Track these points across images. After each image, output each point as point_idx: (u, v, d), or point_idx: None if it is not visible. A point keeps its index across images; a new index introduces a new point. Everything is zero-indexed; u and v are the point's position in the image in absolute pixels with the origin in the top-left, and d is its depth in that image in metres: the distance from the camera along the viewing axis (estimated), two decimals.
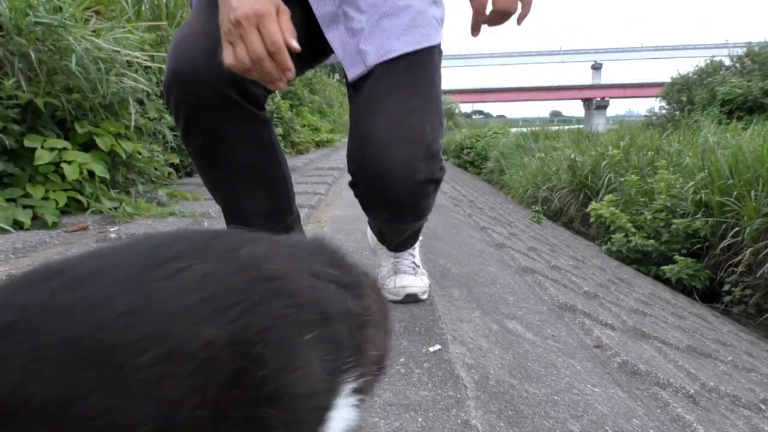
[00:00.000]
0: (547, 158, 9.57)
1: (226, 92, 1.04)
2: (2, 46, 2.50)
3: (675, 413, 1.41)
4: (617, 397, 1.36)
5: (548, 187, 8.63)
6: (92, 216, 2.64)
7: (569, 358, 1.56)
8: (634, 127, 12.35)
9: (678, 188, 5.75)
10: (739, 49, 18.10)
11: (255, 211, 1.22)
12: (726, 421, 1.59)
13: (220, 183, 1.23)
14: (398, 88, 1.16)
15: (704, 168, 5.67)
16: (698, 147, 6.75)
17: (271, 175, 1.23)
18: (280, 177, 1.27)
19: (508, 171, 11.25)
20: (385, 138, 1.11)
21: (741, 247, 4.71)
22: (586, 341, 1.84)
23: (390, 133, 1.11)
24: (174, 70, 1.04)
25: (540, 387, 1.24)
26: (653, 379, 1.64)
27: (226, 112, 1.07)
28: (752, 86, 14.41)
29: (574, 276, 3.28)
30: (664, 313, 3.24)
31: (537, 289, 2.45)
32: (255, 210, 1.22)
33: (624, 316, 2.48)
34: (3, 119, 2.37)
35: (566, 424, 1.08)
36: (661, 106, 20.42)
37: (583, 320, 2.07)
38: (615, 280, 4.07)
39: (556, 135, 12.35)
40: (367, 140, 1.13)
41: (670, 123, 14.07)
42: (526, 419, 1.06)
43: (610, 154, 7.63)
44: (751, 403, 1.90)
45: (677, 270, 4.94)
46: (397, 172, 1.11)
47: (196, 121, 1.09)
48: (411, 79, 1.17)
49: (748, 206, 4.67)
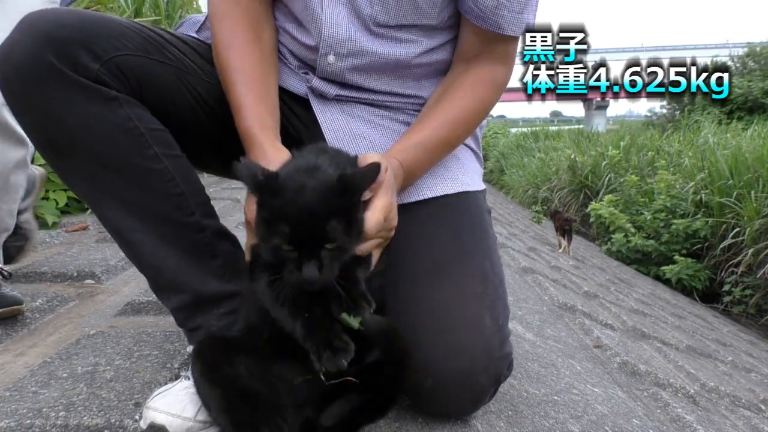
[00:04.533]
0: (547, 158, 9.58)
1: (46, 59, 0.81)
2: None
3: (675, 413, 1.40)
4: (617, 397, 1.36)
5: (548, 187, 8.63)
6: (92, 216, 2.64)
7: (569, 358, 1.56)
8: (634, 128, 12.37)
9: (678, 188, 5.75)
10: (739, 49, 18.11)
11: (125, 222, 0.91)
12: (726, 421, 1.59)
13: (70, 178, 0.93)
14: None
15: (704, 168, 5.67)
16: (698, 147, 6.76)
17: (140, 170, 0.89)
18: (158, 173, 0.90)
19: (507, 171, 11.25)
20: (432, 341, 0.89)
21: (741, 247, 4.72)
22: (586, 341, 1.84)
23: (438, 335, 0.88)
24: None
25: (540, 387, 1.24)
26: (653, 380, 1.64)
27: (51, 87, 0.83)
28: (752, 86, 14.41)
29: (574, 276, 3.28)
30: (664, 314, 3.24)
31: (537, 289, 2.45)
32: (124, 219, 0.91)
33: (624, 316, 2.48)
34: None
35: (566, 424, 1.08)
36: (662, 106, 20.44)
37: (583, 320, 2.07)
38: (615, 280, 4.07)
39: (556, 135, 12.36)
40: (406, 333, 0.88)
41: (670, 123, 14.06)
42: (525, 419, 1.06)
43: (610, 154, 7.64)
44: (751, 404, 1.89)
45: (677, 270, 4.94)
46: (448, 389, 0.90)
47: (21, 101, 0.86)
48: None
49: (748, 207, 4.67)
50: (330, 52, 0.99)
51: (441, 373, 0.87)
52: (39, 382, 1.02)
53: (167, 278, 0.92)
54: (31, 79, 0.82)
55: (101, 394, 0.97)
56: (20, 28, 0.84)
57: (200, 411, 0.84)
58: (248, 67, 0.94)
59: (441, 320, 0.83)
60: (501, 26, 0.97)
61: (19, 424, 0.87)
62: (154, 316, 1.44)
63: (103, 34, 0.85)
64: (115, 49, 0.86)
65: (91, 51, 0.83)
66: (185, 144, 0.94)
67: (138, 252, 0.93)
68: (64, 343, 1.23)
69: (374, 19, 0.98)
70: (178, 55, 0.96)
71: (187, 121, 0.97)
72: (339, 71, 1.01)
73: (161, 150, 0.90)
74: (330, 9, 0.96)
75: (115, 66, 0.86)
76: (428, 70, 1.06)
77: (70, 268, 1.77)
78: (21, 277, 1.70)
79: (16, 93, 0.85)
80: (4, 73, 0.84)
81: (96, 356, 1.14)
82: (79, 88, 0.84)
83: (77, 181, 0.92)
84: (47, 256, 1.96)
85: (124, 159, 0.88)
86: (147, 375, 1.05)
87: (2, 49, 0.84)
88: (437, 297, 0.91)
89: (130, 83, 0.87)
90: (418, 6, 0.97)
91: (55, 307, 1.49)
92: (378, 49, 0.99)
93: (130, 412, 0.91)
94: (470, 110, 1.01)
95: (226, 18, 0.97)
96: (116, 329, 1.32)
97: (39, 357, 1.17)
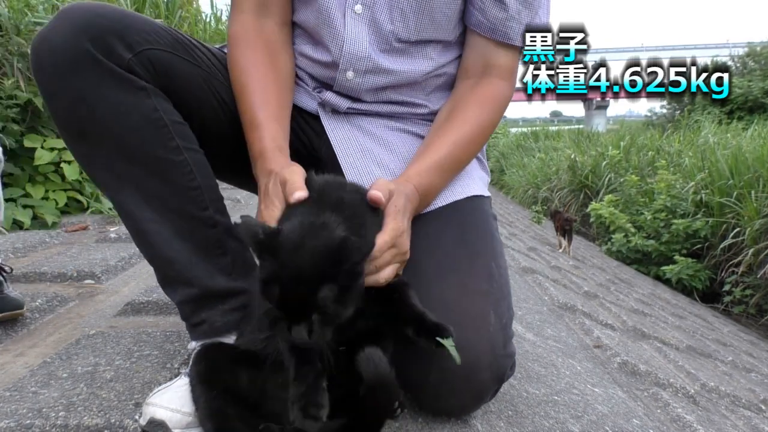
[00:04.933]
0: (547, 158, 9.58)
1: (82, 45, 0.84)
2: (1, 46, 2.50)
3: (675, 413, 1.40)
4: (617, 397, 1.36)
5: (548, 187, 8.63)
6: (92, 216, 2.64)
7: (569, 358, 1.56)
8: (634, 127, 12.38)
9: (678, 188, 5.75)
10: (740, 48, 18.11)
11: (142, 212, 0.92)
12: (726, 421, 1.59)
13: (91, 164, 0.93)
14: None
15: (704, 168, 5.67)
16: (698, 147, 6.76)
17: (161, 161, 0.90)
18: (178, 165, 0.91)
19: (507, 171, 11.25)
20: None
21: (741, 247, 4.72)
22: (586, 341, 1.84)
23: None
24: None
25: (540, 387, 1.24)
26: (653, 380, 1.64)
27: (85, 72, 0.85)
28: (753, 86, 14.40)
29: (574, 276, 3.28)
30: (664, 314, 3.24)
31: (537, 289, 2.45)
32: (141, 208, 0.92)
33: (624, 316, 2.48)
34: (2, 119, 2.37)
35: (566, 424, 1.08)
36: (662, 106, 20.43)
37: (583, 320, 2.07)
38: (615, 280, 4.07)
39: (556, 135, 12.36)
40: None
41: (671, 123, 14.06)
42: (526, 419, 1.06)
43: (610, 154, 7.63)
44: (752, 404, 1.89)
45: (677, 270, 4.94)
46: (452, 384, 0.92)
47: (54, 85, 0.87)
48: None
49: (748, 207, 4.67)
50: (349, 68, 1.02)
51: (445, 367, 0.87)
52: (39, 382, 1.02)
53: (178, 271, 0.94)
54: (67, 63, 0.85)
55: (101, 394, 0.97)
56: (59, 16, 0.87)
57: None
58: (263, 89, 0.96)
59: (446, 317, 0.84)
60: (509, 36, 1.01)
61: (19, 424, 0.87)
62: (154, 316, 1.45)
63: (137, 28, 0.89)
64: (147, 43, 0.89)
65: (124, 41, 0.86)
66: (203, 145, 0.96)
67: (151, 242, 0.93)
68: (64, 343, 1.23)
69: (396, 35, 1.01)
70: (205, 59, 0.99)
71: (208, 122, 0.99)
72: (357, 87, 1.03)
73: (183, 143, 0.92)
74: (351, 26, 0.99)
75: (146, 58, 0.89)
76: (438, 83, 1.10)
77: (70, 268, 1.77)
78: (21, 277, 1.70)
79: (50, 75, 0.87)
80: (39, 55, 0.87)
81: (96, 356, 1.14)
82: (111, 75, 0.86)
83: (98, 167, 0.93)
84: (47, 256, 1.96)
85: (148, 149, 0.90)
86: (147, 375, 1.05)
87: (40, 34, 0.87)
88: (443, 294, 0.92)
89: (159, 77, 0.90)
90: (435, 20, 1.01)
91: (55, 307, 1.49)
92: (395, 66, 1.03)
93: (130, 412, 0.91)
94: (480, 128, 1.03)
95: (244, 45, 1.00)
96: (116, 329, 1.32)
97: (39, 357, 1.17)
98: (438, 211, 1.01)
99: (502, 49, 1.03)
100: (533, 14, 1.02)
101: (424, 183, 0.94)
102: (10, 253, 1.97)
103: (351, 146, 1.05)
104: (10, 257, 1.94)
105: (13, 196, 2.39)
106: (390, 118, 1.09)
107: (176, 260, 0.92)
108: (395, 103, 1.08)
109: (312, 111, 1.08)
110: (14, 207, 2.34)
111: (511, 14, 0.99)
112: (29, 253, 2.03)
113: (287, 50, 1.05)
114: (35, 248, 2.09)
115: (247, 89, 0.95)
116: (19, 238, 2.13)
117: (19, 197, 2.41)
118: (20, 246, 2.04)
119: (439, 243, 0.98)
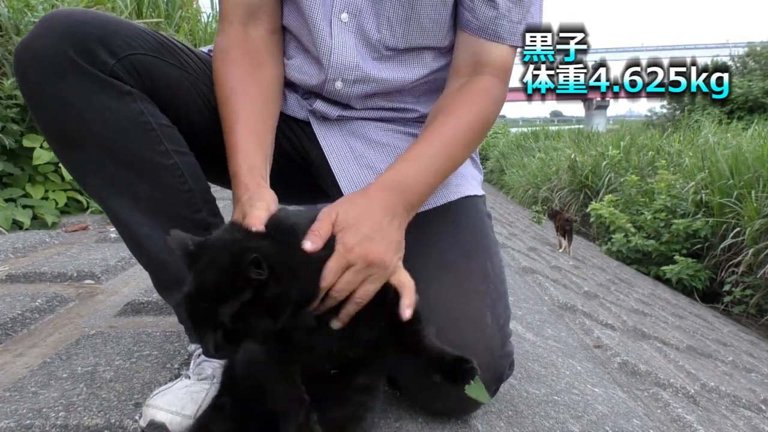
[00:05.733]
0: (547, 158, 9.58)
1: (65, 52, 0.84)
2: (1, 46, 2.50)
3: (675, 413, 1.40)
4: (617, 398, 1.36)
5: (548, 187, 8.63)
6: (92, 216, 2.64)
7: (569, 358, 1.56)
8: (634, 127, 12.36)
9: (678, 188, 5.75)
10: (740, 48, 18.10)
11: (134, 216, 0.91)
12: (726, 421, 1.59)
13: (80, 171, 0.93)
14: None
15: (704, 168, 5.67)
16: (698, 147, 6.76)
17: (151, 165, 0.90)
18: (169, 168, 0.91)
19: (507, 171, 11.25)
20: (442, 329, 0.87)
21: (741, 247, 4.71)
22: (586, 341, 1.84)
23: (439, 332, 0.86)
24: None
25: (540, 387, 1.24)
26: (653, 380, 1.64)
27: (70, 79, 0.84)
28: (753, 86, 14.40)
29: (574, 276, 3.28)
30: (664, 314, 3.24)
31: (537, 289, 2.45)
32: (132, 213, 0.91)
33: (624, 316, 2.48)
34: (2, 119, 2.37)
35: (566, 424, 1.08)
36: (662, 106, 20.43)
37: (583, 320, 2.07)
38: (615, 280, 4.07)
39: (556, 135, 12.35)
40: None
41: (671, 123, 14.06)
42: (526, 419, 1.06)
43: (610, 154, 7.63)
44: (752, 404, 1.89)
45: (677, 270, 4.93)
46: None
47: (39, 92, 0.86)
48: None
49: (748, 207, 4.66)
50: (338, 78, 1.01)
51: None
52: (39, 382, 1.02)
53: (172, 274, 0.92)
54: (50, 69, 0.84)
55: (101, 395, 0.97)
56: (40, 24, 0.86)
57: (200, 409, 0.83)
58: (243, 105, 0.93)
59: (443, 317, 0.84)
60: (500, 35, 0.99)
61: (18, 424, 0.87)
62: (154, 316, 1.44)
63: (119, 33, 0.88)
64: (131, 48, 0.88)
65: (107, 47, 0.86)
66: (192, 148, 0.96)
67: (144, 246, 0.93)
68: (63, 344, 1.23)
69: (384, 44, 1.00)
70: (192, 63, 0.98)
71: (197, 125, 0.98)
72: (346, 96, 1.03)
73: (172, 146, 0.91)
74: (339, 36, 0.98)
75: (130, 63, 0.88)
76: (429, 87, 1.09)
77: (70, 268, 1.77)
78: (21, 277, 1.70)
79: (34, 82, 0.86)
80: (23, 62, 0.86)
81: (96, 356, 1.14)
82: (96, 81, 0.85)
83: (87, 173, 0.92)
84: (47, 256, 1.96)
85: (136, 153, 0.89)
86: (147, 375, 1.05)
87: (23, 42, 0.87)
88: (439, 294, 0.91)
89: (143, 81, 0.89)
90: (424, 27, 0.99)
91: (55, 307, 1.49)
92: (384, 74, 1.02)
93: (130, 412, 0.91)
94: (471, 123, 0.98)
95: (228, 59, 0.97)
96: (116, 329, 1.32)
97: (39, 357, 1.17)
98: (432, 211, 1.00)
99: (493, 47, 1.00)
100: (525, 12, 1.00)
101: (410, 177, 0.88)
102: (10, 253, 1.97)
103: (343, 152, 1.04)
104: (10, 257, 1.94)
105: (12, 196, 2.39)
106: (380, 121, 1.09)
107: (170, 263, 0.91)
108: (385, 109, 1.08)
109: (302, 119, 1.08)
110: (14, 207, 2.34)
111: (501, 12, 0.98)
112: (29, 253, 2.03)
113: (275, 59, 1.04)
114: (35, 248, 2.09)
115: (227, 107, 0.93)
116: (19, 238, 2.13)
117: (19, 197, 2.41)
118: (20, 246, 2.04)
119: (433, 244, 0.97)
